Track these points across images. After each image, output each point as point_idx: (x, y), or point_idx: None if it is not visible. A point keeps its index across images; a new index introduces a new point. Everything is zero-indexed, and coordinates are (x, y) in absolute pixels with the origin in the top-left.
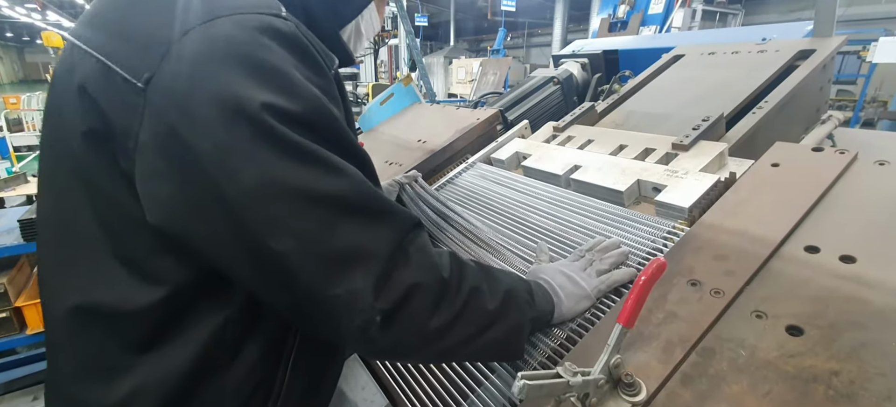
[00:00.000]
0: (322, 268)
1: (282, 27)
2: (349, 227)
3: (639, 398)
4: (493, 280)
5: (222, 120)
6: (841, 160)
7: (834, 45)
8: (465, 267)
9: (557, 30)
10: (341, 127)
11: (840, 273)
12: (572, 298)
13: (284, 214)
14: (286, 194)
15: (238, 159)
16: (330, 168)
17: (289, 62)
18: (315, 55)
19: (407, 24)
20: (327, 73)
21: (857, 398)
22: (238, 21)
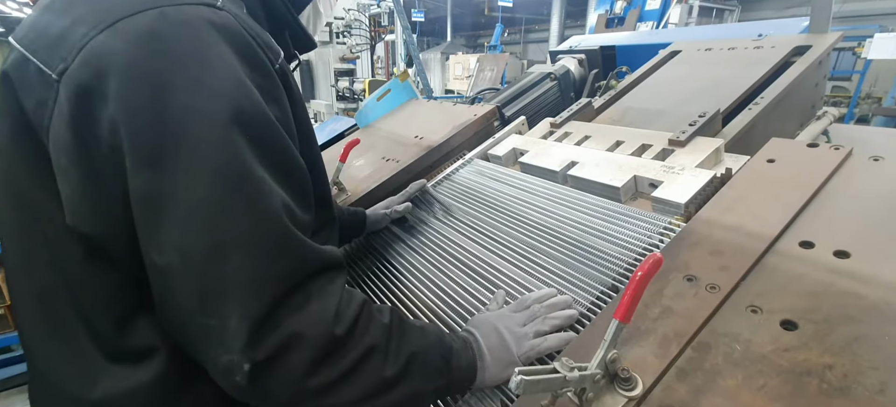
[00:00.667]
0: (199, 293)
1: (215, 19)
2: (238, 257)
3: (635, 393)
4: (402, 341)
5: (130, 115)
6: (836, 156)
7: (829, 41)
8: (370, 323)
9: (555, 26)
10: (274, 136)
11: (834, 268)
12: (499, 364)
13: (176, 228)
14: (183, 208)
15: (139, 161)
16: (239, 188)
17: (224, 58)
18: (256, 51)
19: (403, 20)
20: (269, 71)
21: (850, 392)
22: (164, 14)
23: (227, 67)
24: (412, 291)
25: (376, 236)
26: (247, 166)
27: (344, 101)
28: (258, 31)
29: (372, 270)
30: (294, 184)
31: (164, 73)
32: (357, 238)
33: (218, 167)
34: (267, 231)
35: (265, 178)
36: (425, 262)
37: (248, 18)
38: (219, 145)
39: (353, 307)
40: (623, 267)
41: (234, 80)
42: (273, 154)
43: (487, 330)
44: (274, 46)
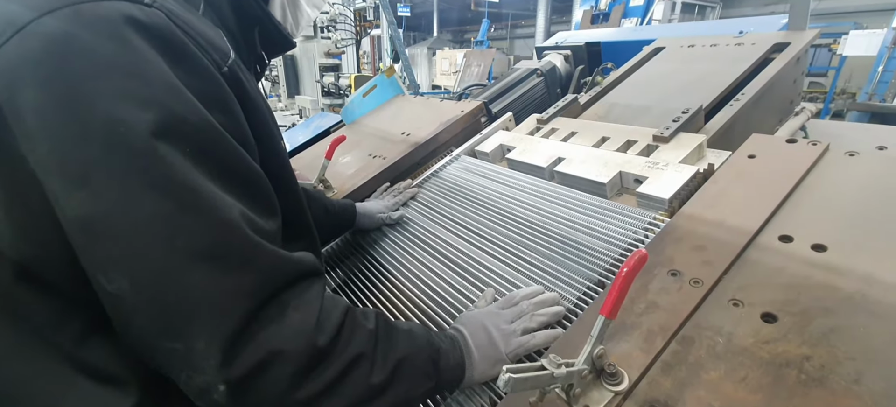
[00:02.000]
0: (158, 318)
1: (142, 17)
2: (198, 275)
3: (621, 387)
4: (388, 346)
5: (51, 132)
6: (813, 152)
7: (808, 38)
8: (355, 330)
9: (541, 21)
10: (219, 144)
11: (812, 261)
12: (487, 361)
13: (119, 252)
14: (123, 229)
15: (66, 180)
16: (185, 202)
17: (151, 61)
18: (191, 52)
19: (389, 15)
20: (210, 74)
21: (827, 382)
22: (79, 13)
23: (155, 71)
24: (399, 288)
25: (362, 233)
26: (188, 178)
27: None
28: (200, 29)
29: (357, 268)
30: (251, 192)
31: (83, 82)
32: (347, 232)
33: (158, 181)
34: (227, 243)
35: (213, 190)
36: (412, 259)
37: (194, 17)
38: (153, 158)
39: (336, 315)
40: (609, 263)
41: (164, 84)
42: (221, 163)
43: (475, 328)
44: (220, 46)
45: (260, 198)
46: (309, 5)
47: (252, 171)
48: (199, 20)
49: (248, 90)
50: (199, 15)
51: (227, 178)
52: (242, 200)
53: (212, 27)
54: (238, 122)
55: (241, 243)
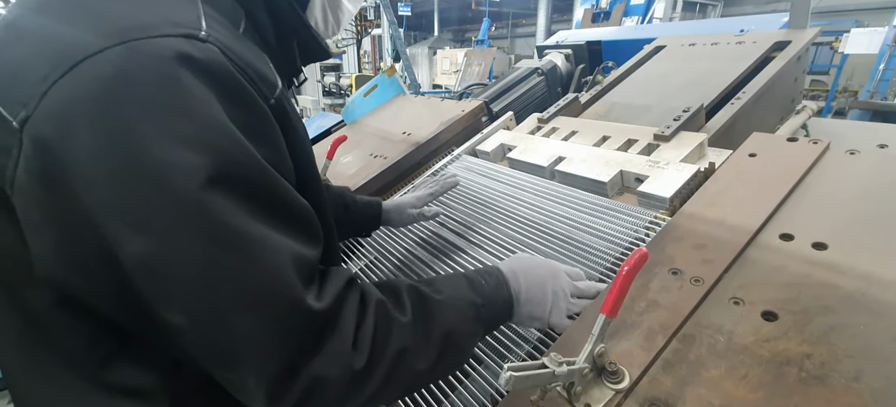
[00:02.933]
0: (213, 354)
1: (197, 54)
2: (245, 321)
3: (622, 385)
4: (429, 328)
5: (107, 176)
6: (814, 150)
7: (808, 36)
8: (391, 331)
9: (541, 20)
10: (269, 182)
11: (812, 260)
12: (529, 316)
13: (177, 291)
14: (178, 272)
15: (124, 225)
16: (235, 249)
17: (205, 102)
18: (244, 88)
19: (389, 15)
20: (260, 109)
21: (827, 380)
22: (132, 51)
23: (208, 113)
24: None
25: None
26: (240, 223)
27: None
28: (251, 60)
29: (360, 269)
30: (299, 225)
31: (137, 125)
32: (373, 231)
33: (209, 228)
34: (273, 292)
35: (264, 233)
36: (413, 258)
37: (242, 44)
38: (206, 204)
39: (368, 324)
40: (610, 261)
41: (217, 127)
42: (271, 202)
43: (533, 281)
44: (269, 78)
45: (307, 229)
46: (350, 2)
47: (298, 206)
48: (245, 46)
49: (291, 117)
50: (240, 35)
51: (277, 216)
52: (292, 235)
53: (257, 53)
54: (281, 154)
55: (287, 291)
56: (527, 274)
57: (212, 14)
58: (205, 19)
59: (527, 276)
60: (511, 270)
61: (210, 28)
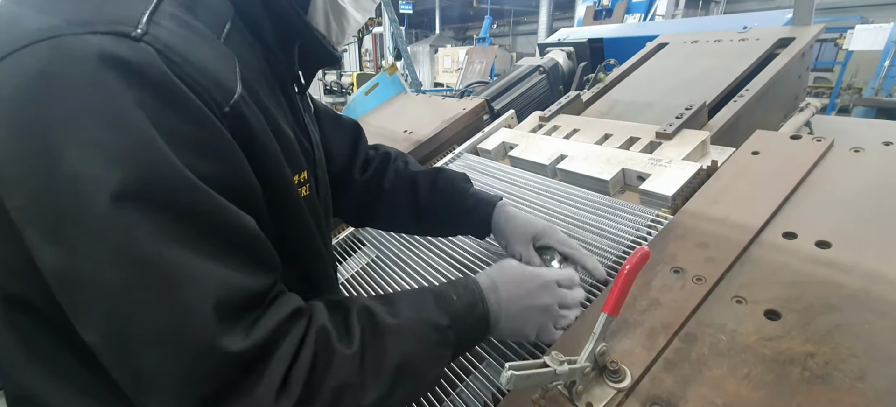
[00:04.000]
0: (124, 380)
1: (126, 55)
2: (153, 358)
3: (623, 384)
4: (380, 357)
5: (23, 181)
6: (818, 148)
7: (812, 33)
8: (331, 364)
9: (543, 17)
10: (201, 204)
11: (816, 258)
12: (511, 331)
13: (88, 309)
14: (90, 291)
15: (40, 232)
16: (145, 281)
17: (126, 109)
18: (183, 95)
19: (391, 13)
20: (205, 118)
21: (830, 379)
22: (57, 49)
23: (128, 120)
24: (401, 285)
25: (364, 231)
26: (153, 247)
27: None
28: (202, 63)
29: (361, 266)
30: (235, 252)
31: (53, 130)
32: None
33: (120, 249)
34: (182, 330)
35: (182, 260)
36: (414, 257)
37: (201, 43)
38: (119, 222)
39: (303, 358)
40: (612, 260)
41: (137, 137)
42: (199, 224)
43: (517, 295)
44: (225, 84)
45: (248, 256)
46: (356, 10)
47: (238, 228)
48: (210, 49)
49: (255, 130)
50: (218, 41)
51: (205, 241)
52: (223, 263)
53: (223, 58)
54: (232, 167)
55: (199, 331)
56: (510, 287)
57: (172, 11)
58: (152, 15)
59: (510, 289)
60: (491, 281)
61: (154, 26)
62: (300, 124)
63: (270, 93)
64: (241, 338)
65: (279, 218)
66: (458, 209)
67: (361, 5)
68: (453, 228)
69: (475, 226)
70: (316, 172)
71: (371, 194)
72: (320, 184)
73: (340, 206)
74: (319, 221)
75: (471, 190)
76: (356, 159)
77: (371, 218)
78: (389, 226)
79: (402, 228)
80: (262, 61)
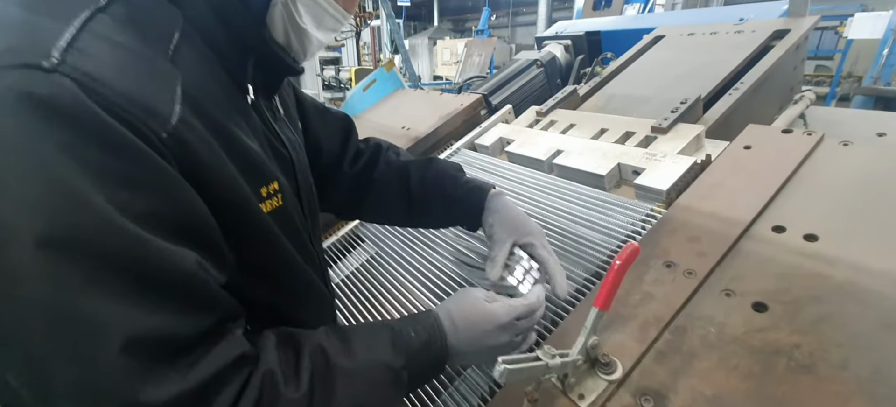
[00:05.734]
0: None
1: (39, 90)
2: None
3: (614, 376)
4: (331, 401)
5: None
6: (808, 142)
7: (807, 24)
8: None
9: (542, 8)
10: (126, 245)
11: (804, 251)
12: (471, 355)
13: (10, 361)
14: (9, 342)
15: None
16: (57, 333)
17: (40, 153)
18: (107, 127)
19: (387, 8)
20: (133, 150)
21: (815, 368)
22: None
23: (41, 164)
24: (399, 281)
25: (363, 227)
26: (72, 297)
27: (330, 90)
28: (128, 91)
29: (360, 263)
30: (166, 294)
31: None
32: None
33: (34, 299)
34: (101, 380)
35: (103, 309)
36: (413, 252)
37: (135, 63)
38: (30, 271)
39: (246, 402)
40: (606, 254)
41: (50, 181)
42: (122, 269)
43: (473, 335)
44: (157, 109)
45: (183, 298)
46: (318, 30)
47: (173, 270)
48: (143, 71)
49: (200, 154)
50: (156, 60)
51: (130, 286)
52: (151, 307)
53: (160, 79)
54: (174, 200)
55: (116, 384)
56: (467, 328)
57: (101, 31)
58: (73, 40)
59: (467, 331)
60: (450, 319)
61: (73, 53)
62: (271, 130)
63: (229, 103)
64: (167, 389)
65: (240, 237)
66: (450, 198)
67: (325, 26)
68: (444, 218)
69: (466, 215)
70: (296, 176)
71: (361, 186)
72: (301, 187)
73: (331, 200)
74: (295, 228)
75: (463, 178)
76: (346, 153)
77: (361, 209)
78: (380, 217)
79: (393, 218)
80: (220, 71)
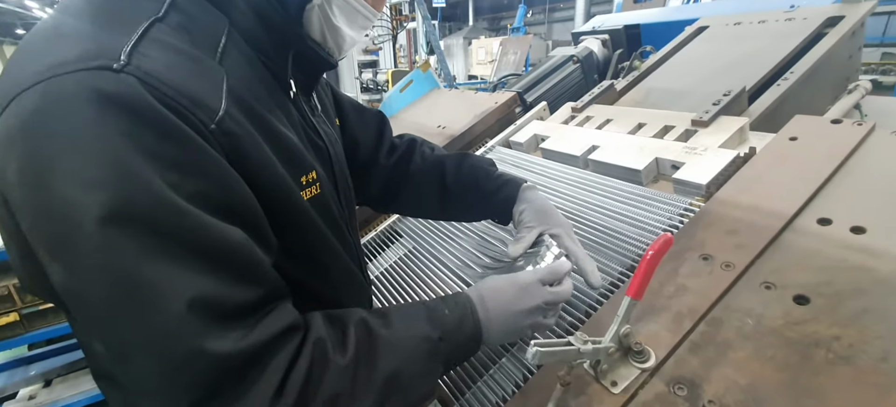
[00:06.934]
0: (128, 385)
1: (108, 87)
2: (140, 366)
3: (648, 364)
4: (371, 368)
5: (28, 208)
6: (858, 132)
7: (863, 10)
8: (325, 373)
9: (580, 3)
10: (179, 219)
11: (849, 244)
12: (503, 334)
13: (90, 322)
14: (88, 305)
15: (46, 252)
16: (125, 295)
17: (105, 137)
18: (163, 118)
19: (423, 10)
20: (186, 138)
21: (854, 360)
22: (47, 91)
23: (107, 149)
24: (436, 274)
25: (401, 223)
26: (134, 263)
27: (368, 92)
28: (182, 87)
29: (398, 257)
30: (220, 264)
31: (43, 162)
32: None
33: (103, 266)
34: (167, 336)
35: (162, 273)
36: (450, 247)
37: (187, 64)
38: (99, 242)
39: (300, 367)
40: (642, 248)
41: (115, 163)
42: (179, 239)
43: (504, 308)
44: (208, 104)
45: (235, 268)
46: (351, 29)
47: (224, 242)
48: (194, 70)
49: (244, 143)
50: (206, 61)
51: (187, 255)
52: (206, 274)
53: (209, 76)
54: (221, 184)
55: (183, 336)
56: (494, 296)
57: (159, 38)
58: (136, 46)
59: (495, 299)
60: (478, 295)
61: (137, 55)
62: (309, 124)
63: (271, 99)
64: (230, 343)
65: (283, 222)
66: (483, 191)
67: (357, 24)
68: (478, 211)
69: (499, 207)
70: (332, 168)
71: (397, 178)
72: (338, 178)
73: (367, 192)
74: (332, 216)
75: (496, 172)
76: (382, 145)
77: (397, 202)
78: (415, 209)
79: (428, 211)
80: (262, 69)
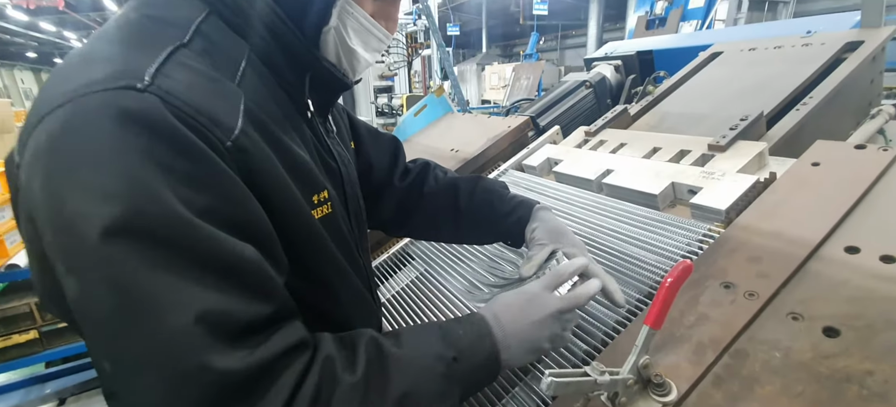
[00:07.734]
0: (130, 402)
1: (131, 105)
2: (141, 383)
3: (669, 398)
4: (385, 386)
5: (48, 223)
6: (884, 157)
7: (884, 35)
8: (333, 392)
9: (592, 30)
10: (189, 234)
11: (880, 273)
12: (525, 352)
13: (97, 337)
14: (94, 320)
15: (62, 266)
16: (128, 309)
17: (122, 153)
18: (181, 136)
19: (437, 38)
20: (202, 155)
21: (890, 397)
22: (74, 109)
23: (122, 162)
24: (447, 297)
25: (413, 246)
26: (137, 278)
27: (383, 116)
28: (203, 105)
29: (409, 280)
30: (230, 279)
31: (64, 176)
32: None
33: (109, 279)
34: (172, 351)
35: (170, 287)
36: (456, 272)
37: (207, 85)
38: (108, 255)
39: (308, 385)
40: (660, 274)
41: (128, 176)
42: (188, 253)
43: (521, 327)
44: (225, 122)
45: (245, 284)
46: (366, 51)
47: (235, 258)
48: (213, 91)
49: (259, 161)
50: (226, 82)
51: (196, 269)
52: (215, 290)
53: (227, 97)
54: (235, 201)
55: (188, 351)
56: (507, 311)
57: (183, 61)
58: (160, 67)
59: (508, 313)
60: (493, 314)
61: (161, 76)
62: (323, 145)
63: (286, 119)
64: (237, 359)
65: (294, 240)
66: (497, 212)
67: (371, 46)
68: (491, 234)
69: (512, 229)
70: (344, 188)
71: (410, 200)
72: (349, 199)
73: (381, 214)
74: (343, 236)
75: (509, 194)
76: (396, 168)
77: (410, 224)
78: (428, 232)
79: (441, 234)
80: (279, 92)
